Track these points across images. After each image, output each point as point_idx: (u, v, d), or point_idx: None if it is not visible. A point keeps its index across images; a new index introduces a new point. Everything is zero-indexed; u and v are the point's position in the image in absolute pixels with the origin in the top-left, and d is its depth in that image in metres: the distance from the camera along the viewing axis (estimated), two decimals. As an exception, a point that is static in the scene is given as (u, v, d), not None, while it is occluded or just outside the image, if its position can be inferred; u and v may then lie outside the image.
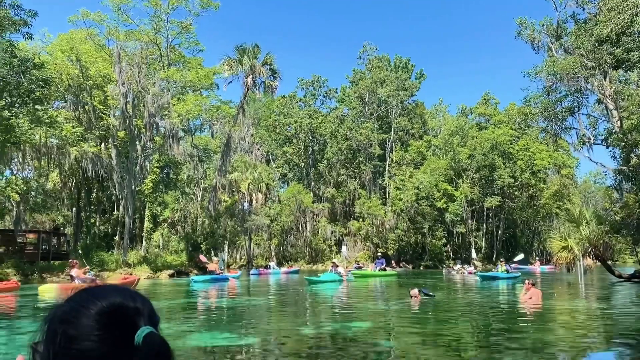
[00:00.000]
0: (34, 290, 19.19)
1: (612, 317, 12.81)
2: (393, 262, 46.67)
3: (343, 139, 58.25)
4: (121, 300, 0.95)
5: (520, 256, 39.87)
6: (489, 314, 13.53)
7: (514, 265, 47.94)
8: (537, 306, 13.91)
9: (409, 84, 61.40)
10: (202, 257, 33.48)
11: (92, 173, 34.77)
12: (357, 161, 58.69)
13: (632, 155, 26.63)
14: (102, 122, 36.08)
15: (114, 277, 26.93)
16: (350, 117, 60.42)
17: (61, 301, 0.98)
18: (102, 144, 35.46)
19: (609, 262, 28.17)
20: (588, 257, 25.13)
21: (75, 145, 32.37)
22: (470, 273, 34.86)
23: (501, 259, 34.12)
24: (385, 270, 33.48)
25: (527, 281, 15.37)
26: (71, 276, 19.36)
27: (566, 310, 14.35)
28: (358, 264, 42.18)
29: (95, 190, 40.85)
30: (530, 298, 14.53)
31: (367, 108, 60.68)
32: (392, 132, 59.88)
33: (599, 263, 26.13)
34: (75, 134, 32.42)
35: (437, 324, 11.56)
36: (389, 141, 59.80)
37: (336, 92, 67.23)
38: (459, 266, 31.87)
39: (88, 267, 22.38)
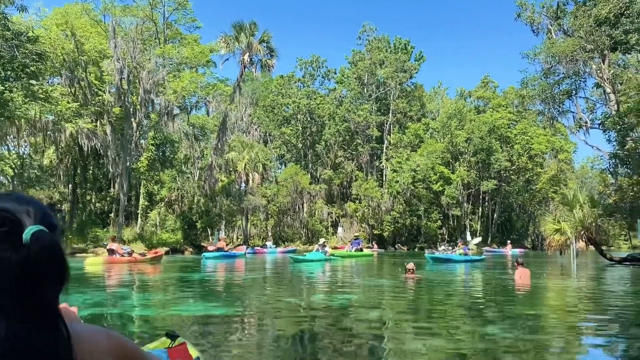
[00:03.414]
0: (77, 263, 20.58)
1: (600, 296, 12.92)
2: (374, 243, 46.64)
3: (341, 121, 58.04)
4: (11, 203, 0.99)
5: (477, 239, 37.89)
6: (478, 292, 13.67)
7: (486, 248, 47.74)
8: (526, 285, 14.02)
9: (409, 66, 60.84)
10: (211, 247, 33.66)
11: (87, 149, 34.74)
12: (354, 143, 58.58)
13: (627, 138, 26.63)
14: (97, 98, 35.89)
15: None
16: (348, 99, 60.11)
17: None
18: (98, 121, 35.31)
19: (604, 248, 28.34)
20: (581, 240, 25.29)
21: (70, 121, 32.27)
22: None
23: (459, 240, 32.46)
24: (361, 250, 33.72)
25: (516, 261, 15.42)
26: (111, 250, 22.18)
27: (555, 289, 14.49)
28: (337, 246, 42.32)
29: (91, 167, 40.80)
30: (520, 277, 14.63)
31: (365, 90, 60.37)
32: (391, 114, 59.67)
33: (592, 247, 26.27)
34: (71, 109, 32.33)
35: (428, 300, 11.66)
36: (387, 123, 59.63)
37: (335, 73, 66.58)
38: (443, 247, 31.22)
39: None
